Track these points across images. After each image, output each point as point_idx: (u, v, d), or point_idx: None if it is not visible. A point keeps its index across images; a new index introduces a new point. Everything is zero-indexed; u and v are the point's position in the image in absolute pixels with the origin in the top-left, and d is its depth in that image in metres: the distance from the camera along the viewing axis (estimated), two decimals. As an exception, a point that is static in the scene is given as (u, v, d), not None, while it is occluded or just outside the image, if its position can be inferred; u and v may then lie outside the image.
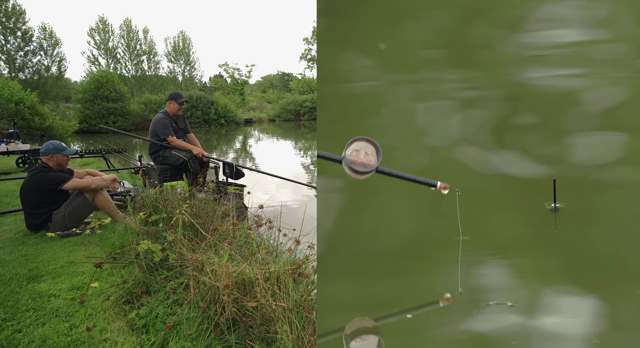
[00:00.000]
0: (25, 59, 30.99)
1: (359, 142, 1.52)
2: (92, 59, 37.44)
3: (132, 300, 2.23)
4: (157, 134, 4.72)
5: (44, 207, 3.75)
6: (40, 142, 15.27)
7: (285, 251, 2.27)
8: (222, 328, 1.76)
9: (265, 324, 1.76)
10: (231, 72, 44.33)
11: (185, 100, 4.93)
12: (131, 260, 2.49)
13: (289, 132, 27.48)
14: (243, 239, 2.52)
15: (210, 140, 22.36)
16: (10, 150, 9.79)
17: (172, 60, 42.06)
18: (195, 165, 4.63)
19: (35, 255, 3.15)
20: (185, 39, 42.24)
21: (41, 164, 3.87)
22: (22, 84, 23.07)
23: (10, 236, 3.70)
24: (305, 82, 43.47)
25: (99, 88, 28.28)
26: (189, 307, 1.90)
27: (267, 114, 39.82)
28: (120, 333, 1.96)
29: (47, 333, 1.98)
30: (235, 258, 2.11)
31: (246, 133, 27.80)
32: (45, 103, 24.26)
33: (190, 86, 41.25)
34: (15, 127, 13.58)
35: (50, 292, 2.46)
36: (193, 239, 2.55)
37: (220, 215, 2.83)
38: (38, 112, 19.07)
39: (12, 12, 29.66)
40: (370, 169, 1.52)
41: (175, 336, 1.83)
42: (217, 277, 1.84)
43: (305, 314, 1.64)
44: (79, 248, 3.31)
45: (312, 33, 44.50)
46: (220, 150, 18.20)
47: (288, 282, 1.72)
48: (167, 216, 2.83)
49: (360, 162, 1.52)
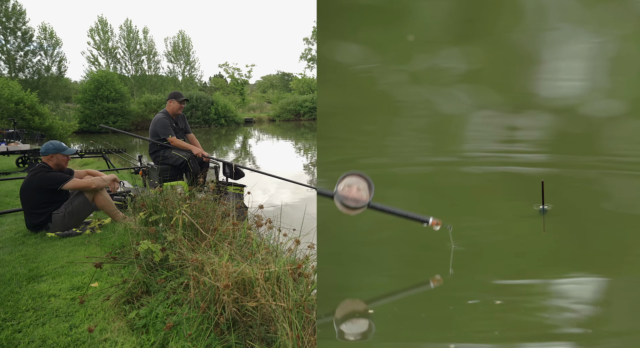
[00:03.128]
0: (25, 59, 30.98)
1: (351, 177, 1.52)
2: (92, 59, 37.46)
3: (132, 300, 2.23)
4: (157, 133, 4.72)
5: (44, 207, 3.75)
6: (40, 142, 15.26)
7: (285, 251, 2.27)
8: (222, 328, 1.76)
9: (265, 324, 1.75)
10: (231, 72, 44.36)
11: (185, 99, 4.93)
12: (131, 260, 2.49)
13: (289, 132, 27.47)
14: (243, 239, 2.52)
15: (210, 140, 22.35)
16: (10, 150, 9.79)
17: (172, 60, 42.08)
18: (195, 165, 4.63)
19: (35, 255, 3.15)
20: (185, 39, 42.25)
21: (41, 164, 3.87)
22: (22, 84, 23.07)
23: (10, 236, 3.70)
24: (305, 82, 43.45)
25: (99, 88, 28.27)
26: (189, 307, 1.90)
27: (267, 114, 39.81)
28: (120, 333, 1.96)
29: (47, 333, 1.98)
30: (235, 258, 2.11)
31: (246, 133, 27.80)
32: (45, 103, 24.26)
33: (190, 86, 41.23)
34: (15, 127, 13.57)
35: (50, 292, 2.46)
36: (193, 239, 2.55)
37: (220, 215, 2.83)
38: (38, 112, 19.07)
39: (12, 12, 29.64)
40: (362, 205, 1.52)
41: (175, 336, 1.83)
42: (217, 277, 1.84)
43: (305, 314, 1.64)
44: (79, 248, 3.31)
45: (312, 33, 44.50)
46: (220, 150, 18.19)
47: (288, 282, 1.72)
48: (167, 216, 2.83)
49: (352, 197, 1.52)
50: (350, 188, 1.51)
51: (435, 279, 1.47)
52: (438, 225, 1.55)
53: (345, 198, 1.51)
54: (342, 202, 1.52)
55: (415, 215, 1.56)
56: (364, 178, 1.51)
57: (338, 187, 1.52)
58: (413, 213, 1.56)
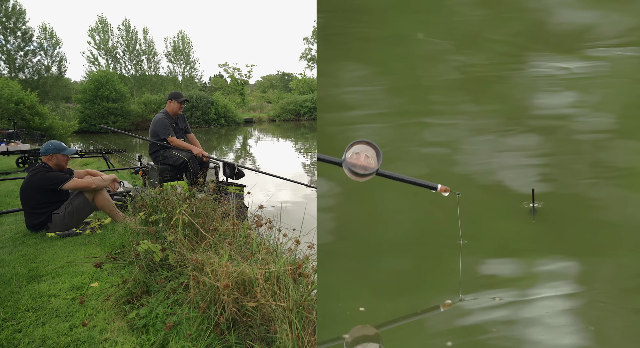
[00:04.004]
0: (25, 59, 30.99)
1: (359, 144, 1.53)
2: (92, 59, 37.47)
3: (132, 300, 2.23)
4: (157, 133, 4.72)
5: (44, 207, 3.75)
6: (40, 142, 15.27)
7: (285, 251, 2.27)
8: (222, 328, 1.76)
9: (265, 324, 1.75)
10: (231, 72, 44.38)
11: (185, 99, 4.93)
12: (131, 260, 2.49)
13: (289, 132, 27.48)
14: (243, 239, 2.52)
15: (210, 140, 22.35)
16: (10, 150, 9.79)
17: (172, 60, 42.09)
18: (195, 165, 4.63)
19: (35, 255, 3.15)
20: (185, 38, 42.25)
21: (41, 164, 3.87)
22: (22, 84, 23.06)
23: (10, 236, 3.70)
24: (305, 82, 43.46)
25: (99, 88, 28.28)
26: (189, 307, 1.90)
27: (267, 114, 39.81)
28: (120, 333, 1.96)
29: (47, 333, 1.98)
30: (235, 258, 2.11)
31: (246, 133, 27.80)
32: (45, 103, 24.26)
33: (190, 86, 41.23)
34: (15, 127, 13.56)
35: (50, 292, 2.46)
36: (193, 239, 2.55)
37: (220, 215, 2.83)
38: (38, 112, 19.07)
39: (12, 12, 29.65)
40: (371, 172, 1.52)
41: (175, 336, 1.83)
42: (217, 277, 1.84)
43: (305, 314, 1.64)
44: (79, 248, 3.31)
45: (312, 33, 44.49)
46: (220, 150, 18.19)
47: (288, 282, 1.72)
48: (167, 216, 2.83)
49: (361, 164, 1.52)
50: (358, 156, 1.52)
51: (445, 303, 1.44)
52: (447, 192, 1.56)
53: (354, 165, 1.52)
54: (350, 169, 1.52)
55: (424, 182, 1.57)
56: (372, 146, 1.52)
57: (346, 155, 1.53)
58: (421, 180, 1.57)
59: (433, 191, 1.57)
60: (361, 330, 1.40)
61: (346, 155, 1.53)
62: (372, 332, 1.39)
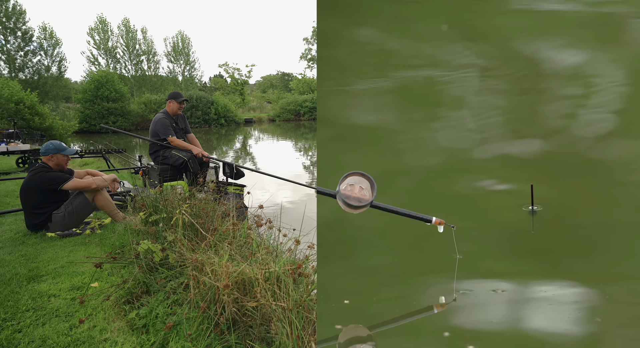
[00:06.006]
0: (25, 59, 30.97)
1: (353, 176, 1.52)
2: (92, 59, 37.46)
3: (132, 300, 2.23)
4: (157, 133, 4.72)
5: (44, 207, 3.75)
6: (40, 142, 15.26)
7: (285, 251, 2.27)
8: (222, 328, 1.76)
9: (265, 324, 1.75)
10: (231, 72, 44.35)
11: (185, 99, 4.93)
12: (131, 260, 2.49)
13: (289, 132, 27.47)
14: (243, 239, 2.52)
15: (210, 140, 22.35)
16: (10, 150, 9.79)
17: (172, 60, 42.08)
18: (195, 165, 4.63)
19: (35, 255, 3.15)
20: (185, 38, 42.24)
21: (41, 164, 3.87)
22: (22, 84, 23.05)
23: (10, 236, 3.70)
24: (305, 82, 43.44)
25: (99, 88, 28.27)
26: (189, 307, 1.90)
27: (267, 114, 39.79)
28: (120, 333, 1.96)
29: (47, 333, 1.98)
30: (235, 258, 2.10)
31: (246, 133, 27.79)
32: (45, 103, 24.24)
33: (190, 86, 41.21)
34: (15, 127, 13.56)
35: (50, 292, 2.46)
36: (193, 239, 2.55)
37: (220, 215, 2.83)
38: (38, 112, 19.06)
39: (12, 12, 29.63)
40: (365, 204, 1.51)
41: (175, 336, 1.83)
42: (217, 277, 1.84)
43: (305, 314, 1.63)
44: (79, 248, 3.31)
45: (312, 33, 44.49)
46: (220, 150, 18.19)
47: (288, 282, 1.72)
48: (167, 216, 2.83)
49: (355, 196, 1.51)
50: (352, 188, 1.51)
51: (439, 304, 1.43)
52: (441, 225, 1.54)
53: (348, 197, 1.51)
54: (344, 201, 1.51)
55: (418, 214, 1.55)
56: (366, 178, 1.51)
57: (340, 186, 1.52)
58: (415, 213, 1.56)
59: (428, 224, 1.55)
60: (355, 331, 1.40)
61: (340, 187, 1.52)
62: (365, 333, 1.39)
